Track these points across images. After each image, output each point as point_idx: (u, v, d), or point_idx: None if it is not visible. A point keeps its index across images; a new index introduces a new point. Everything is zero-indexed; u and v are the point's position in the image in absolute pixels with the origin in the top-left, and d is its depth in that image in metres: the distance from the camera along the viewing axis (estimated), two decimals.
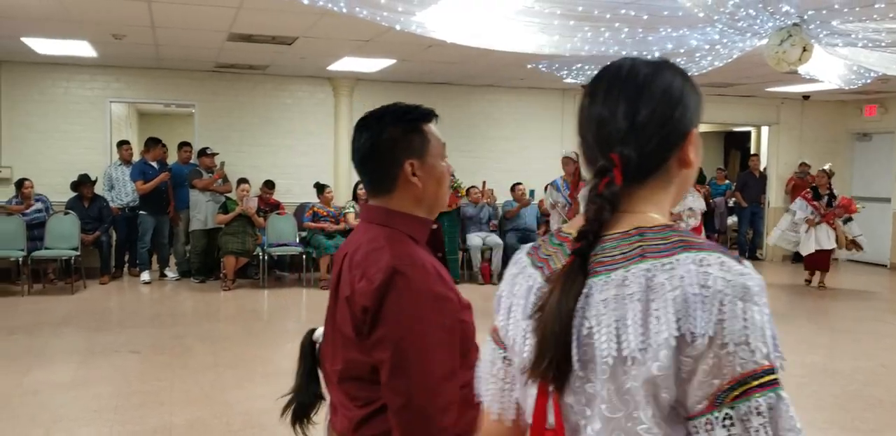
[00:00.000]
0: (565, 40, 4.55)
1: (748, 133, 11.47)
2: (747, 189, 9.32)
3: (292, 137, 7.96)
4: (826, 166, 7.52)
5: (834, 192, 7.33)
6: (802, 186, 8.34)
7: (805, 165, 9.05)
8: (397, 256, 1.14)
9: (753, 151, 10.77)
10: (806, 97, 9.09)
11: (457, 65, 6.86)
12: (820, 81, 6.18)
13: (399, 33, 4.77)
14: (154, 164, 7.07)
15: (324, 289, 6.73)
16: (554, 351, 0.81)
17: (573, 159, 6.57)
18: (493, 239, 7.41)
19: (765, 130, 10.10)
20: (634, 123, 0.85)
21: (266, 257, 6.88)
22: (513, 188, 7.71)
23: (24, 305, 5.93)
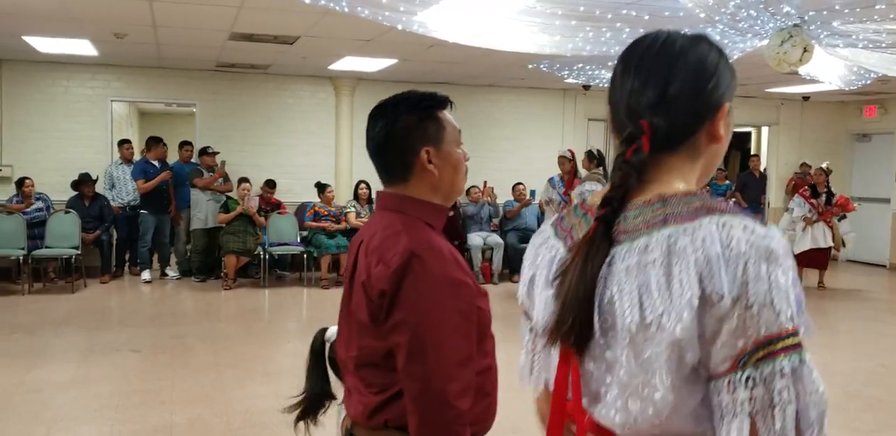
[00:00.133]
0: (567, 40, 4.55)
1: (748, 134, 11.47)
2: (747, 190, 9.33)
3: (293, 136, 7.96)
4: (824, 164, 7.50)
5: (832, 190, 7.32)
6: (803, 186, 8.34)
7: (806, 166, 9.06)
8: (414, 241, 1.13)
9: (753, 151, 10.77)
10: (806, 98, 9.09)
11: (458, 65, 6.86)
12: (820, 82, 6.19)
13: (400, 33, 4.78)
14: (155, 163, 7.07)
15: (325, 288, 6.74)
16: (576, 314, 0.81)
17: (568, 158, 6.59)
18: (494, 239, 7.42)
19: (765, 130, 10.11)
20: (666, 93, 0.84)
21: (267, 257, 6.89)
22: (513, 188, 7.72)
23: (25, 304, 5.94)
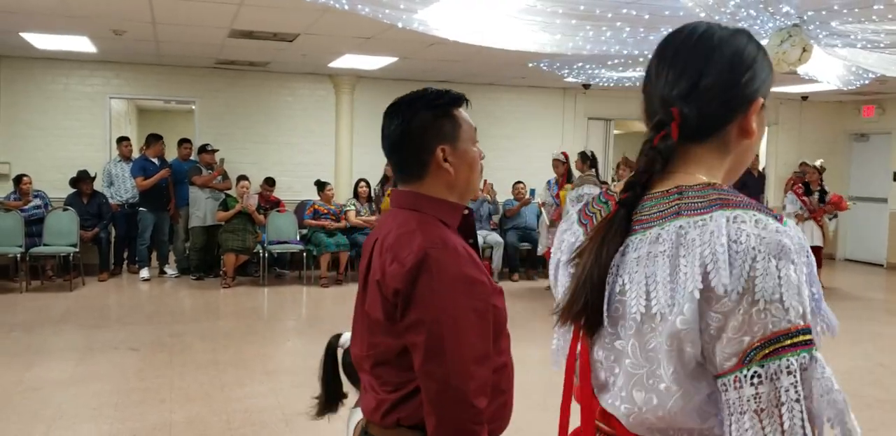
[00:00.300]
0: (567, 39, 4.55)
1: None
2: (746, 189, 9.29)
3: (293, 134, 7.95)
4: (817, 162, 7.47)
5: (825, 188, 7.30)
6: (798, 183, 8.33)
7: (805, 165, 9.06)
8: (429, 240, 1.13)
9: None
10: (804, 98, 9.10)
11: (459, 63, 6.85)
12: (819, 82, 6.19)
13: (401, 31, 4.77)
14: (155, 160, 7.06)
15: (324, 287, 6.73)
16: (588, 295, 0.81)
17: (562, 161, 6.62)
18: (494, 237, 7.42)
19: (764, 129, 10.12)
20: (700, 83, 0.84)
21: (266, 255, 6.88)
22: (513, 187, 7.72)
23: (23, 302, 5.92)
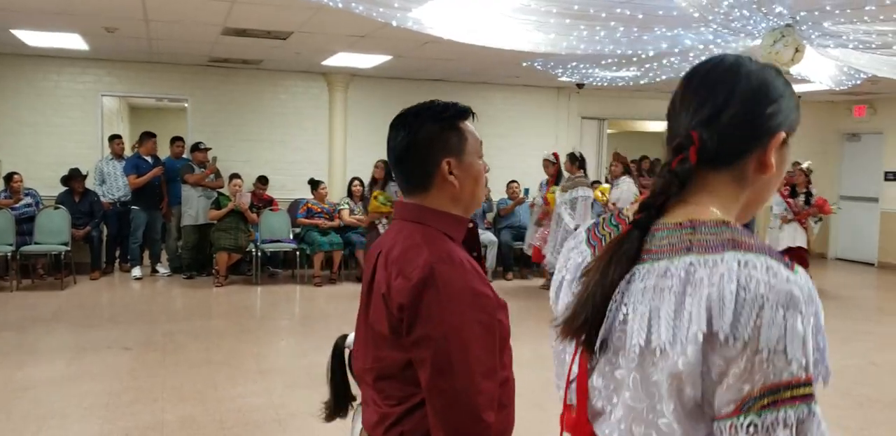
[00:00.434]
0: (561, 39, 4.56)
1: None
2: None
3: (286, 132, 7.92)
4: (804, 164, 7.46)
5: (812, 190, 7.29)
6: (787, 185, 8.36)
7: (797, 164, 9.11)
8: (435, 254, 1.12)
9: None
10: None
11: (452, 62, 6.84)
12: (811, 82, 6.22)
13: (395, 29, 4.76)
14: (148, 158, 7.02)
15: (318, 286, 6.72)
16: (589, 314, 0.81)
17: (552, 161, 6.65)
18: (488, 236, 7.42)
19: None
20: (723, 110, 0.84)
21: (259, 254, 6.85)
22: (507, 186, 7.72)
23: (13, 300, 5.88)
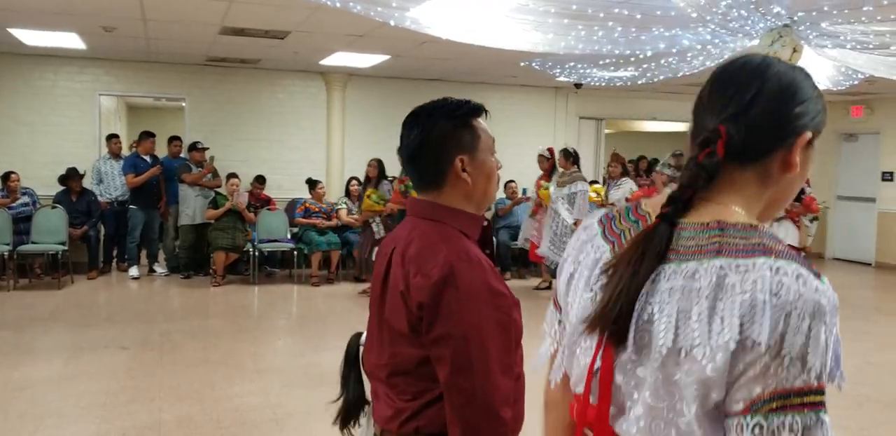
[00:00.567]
0: (559, 39, 4.56)
1: None
2: None
3: (284, 131, 7.92)
4: None
5: (806, 190, 7.30)
6: None
7: None
8: (454, 252, 1.13)
9: None
10: None
11: (450, 61, 6.84)
12: None
13: (393, 29, 4.76)
14: (146, 157, 7.01)
15: (315, 286, 6.71)
16: (624, 305, 0.81)
17: (547, 157, 6.66)
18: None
19: None
20: (751, 107, 0.84)
21: (256, 253, 6.85)
22: (505, 186, 7.72)
23: (10, 300, 5.87)
